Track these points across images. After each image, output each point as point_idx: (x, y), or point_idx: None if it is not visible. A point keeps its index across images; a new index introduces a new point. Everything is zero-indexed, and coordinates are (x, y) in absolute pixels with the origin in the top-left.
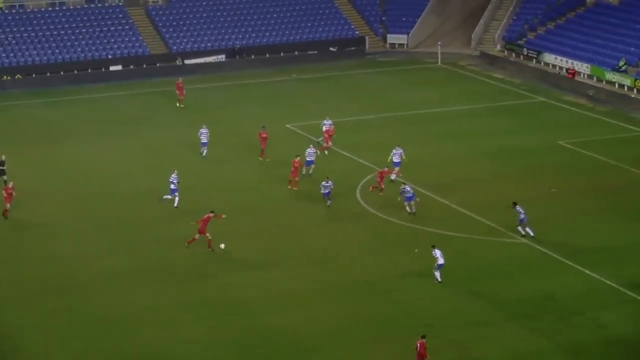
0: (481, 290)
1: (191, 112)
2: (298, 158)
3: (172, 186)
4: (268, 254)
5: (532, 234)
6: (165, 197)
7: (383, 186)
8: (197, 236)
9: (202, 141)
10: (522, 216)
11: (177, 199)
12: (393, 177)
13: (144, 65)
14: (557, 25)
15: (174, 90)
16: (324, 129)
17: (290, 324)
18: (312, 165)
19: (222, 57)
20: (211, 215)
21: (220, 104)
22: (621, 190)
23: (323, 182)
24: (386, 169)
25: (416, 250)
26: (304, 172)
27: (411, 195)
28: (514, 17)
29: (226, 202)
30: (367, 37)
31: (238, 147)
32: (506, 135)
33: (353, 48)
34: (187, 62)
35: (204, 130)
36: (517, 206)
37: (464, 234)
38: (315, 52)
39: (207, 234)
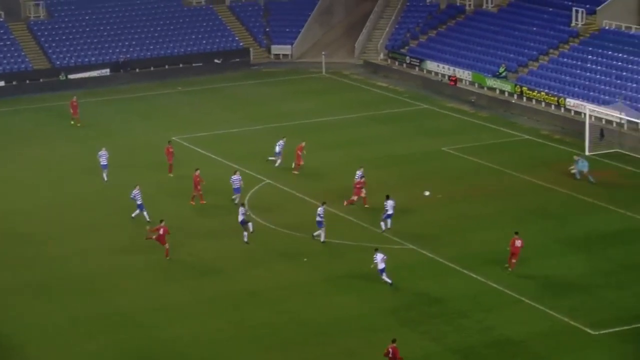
0: (371, 297)
1: (78, 128)
2: (198, 172)
3: (138, 202)
4: (156, 268)
5: (383, 228)
6: (134, 214)
7: (363, 195)
8: (167, 246)
9: (102, 164)
10: (390, 211)
11: (145, 212)
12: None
13: (27, 81)
14: (439, 33)
15: (65, 106)
16: (278, 149)
17: (179, 336)
18: (239, 194)
19: (106, 71)
20: (161, 225)
21: (107, 119)
22: (505, 194)
23: (240, 209)
24: (362, 179)
25: (305, 260)
26: (234, 199)
27: (321, 220)
28: (396, 26)
29: (115, 218)
30: (251, 49)
31: (129, 162)
32: (390, 143)
33: (238, 59)
34: (70, 77)
35: (103, 153)
36: (389, 200)
37: (352, 241)
38: (200, 64)
39: (167, 244)
